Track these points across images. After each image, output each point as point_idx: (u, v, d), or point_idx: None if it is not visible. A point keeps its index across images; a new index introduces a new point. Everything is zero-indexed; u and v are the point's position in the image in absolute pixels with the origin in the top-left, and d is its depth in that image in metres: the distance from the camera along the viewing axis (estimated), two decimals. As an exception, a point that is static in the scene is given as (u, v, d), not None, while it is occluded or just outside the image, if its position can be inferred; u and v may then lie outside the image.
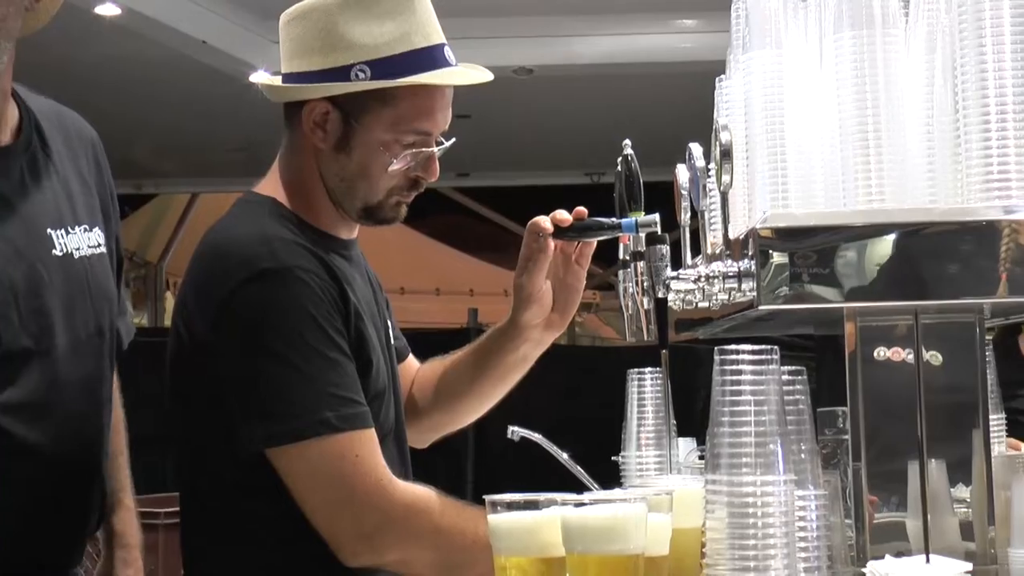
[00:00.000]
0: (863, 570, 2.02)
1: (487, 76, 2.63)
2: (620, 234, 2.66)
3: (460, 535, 2.42)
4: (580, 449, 2.68)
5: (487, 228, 10.94)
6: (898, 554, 2.19)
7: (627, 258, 2.80)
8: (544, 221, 2.68)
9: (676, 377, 2.80)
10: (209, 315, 2.46)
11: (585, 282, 2.78)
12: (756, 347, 2.07)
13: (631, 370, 2.85)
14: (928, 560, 1.98)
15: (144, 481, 5.49)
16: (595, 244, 2.75)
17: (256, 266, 2.44)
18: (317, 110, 2.55)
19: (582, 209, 2.70)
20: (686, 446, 2.84)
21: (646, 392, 2.83)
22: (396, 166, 2.53)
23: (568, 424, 2.80)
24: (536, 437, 2.76)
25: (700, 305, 2.61)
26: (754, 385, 2.06)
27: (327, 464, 2.40)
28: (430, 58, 2.52)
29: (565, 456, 2.69)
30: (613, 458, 2.86)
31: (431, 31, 2.56)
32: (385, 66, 2.50)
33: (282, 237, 2.49)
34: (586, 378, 8.13)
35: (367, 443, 2.43)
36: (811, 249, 2.32)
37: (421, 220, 9.82)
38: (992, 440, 2.52)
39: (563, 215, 2.68)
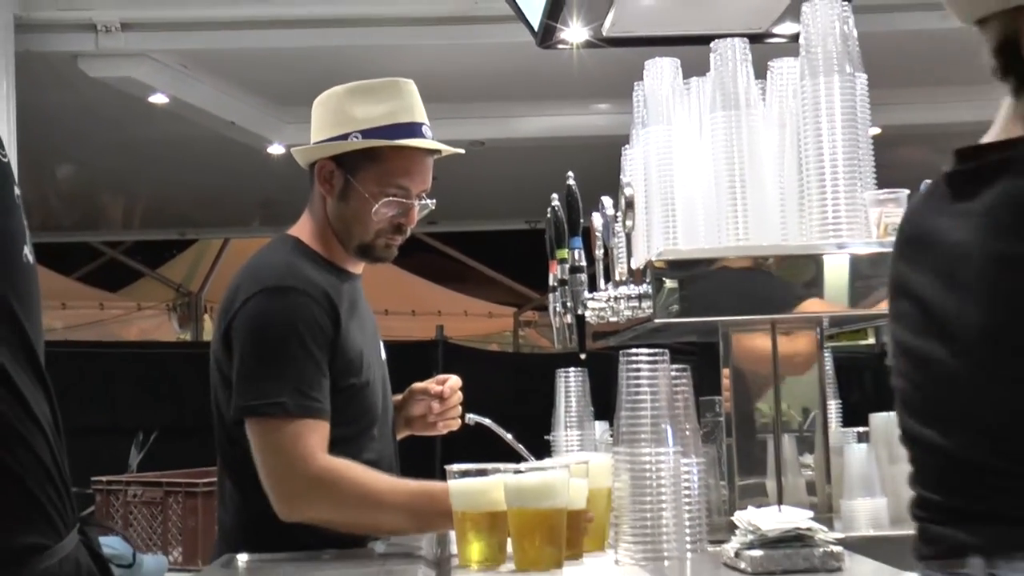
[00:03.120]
0: (732, 518, 2.02)
1: (456, 151, 2.63)
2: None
3: (366, 496, 2.34)
4: (522, 431, 2.66)
5: (451, 264, 10.92)
6: (759, 506, 2.20)
7: (555, 284, 2.81)
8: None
9: (593, 375, 2.81)
10: (230, 316, 2.45)
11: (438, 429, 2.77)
12: (651, 351, 2.09)
13: (559, 370, 2.84)
14: (780, 509, 1.99)
15: (189, 460, 5.48)
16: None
17: (265, 283, 2.43)
18: (325, 168, 2.55)
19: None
20: (601, 427, 2.84)
21: (571, 386, 2.82)
22: (382, 212, 2.52)
23: (513, 412, 2.78)
24: (487, 422, 2.73)
25: (611, 320, 2.61)
26: (650, 379, 2.07)
27: (273, 438, 2.35)
28: (410, 130, 2.52)
29: (509, 436, 2.68)
30: (546, 437, 2.85)
31: (415, 112, 2.56)
32: (375, 133, 2.51)
33: (294, 264, 2.48)
34: (526, 377, 8.12)
35: (314, 430, 2.36)
36: (694, 276, 2.33)
37: (401, 258, 9.78)
38: (829, 419, 2.54)
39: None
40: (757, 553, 1.89)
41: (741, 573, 1.90)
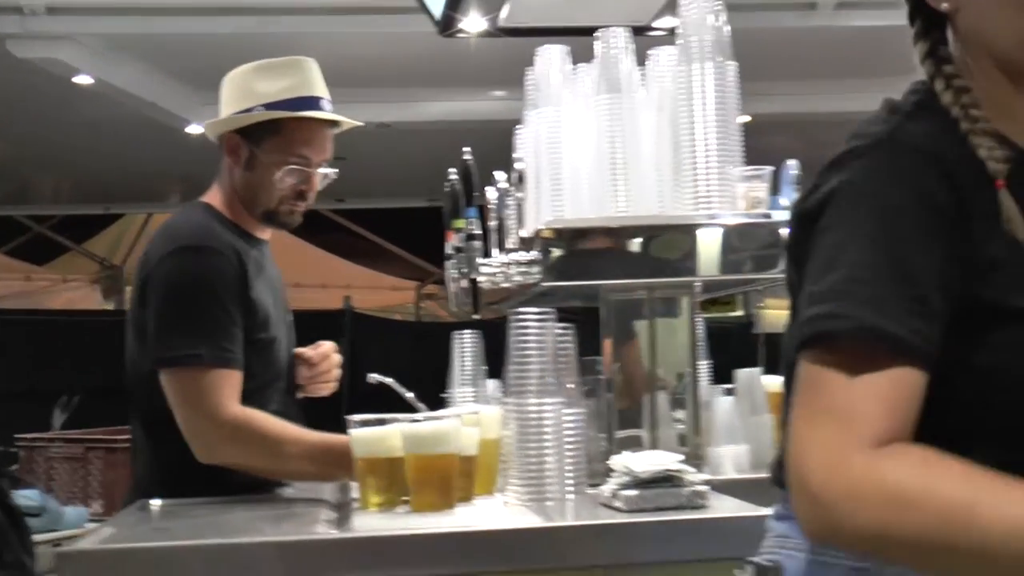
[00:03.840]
0: (608, 462, 2.04)
1: (354, 123, 2.62)
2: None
3: (279, 443, 2.33)
4: (421, 392, 2.65)
5: (359, 241, 10.86)
6: (635, 453, 2.22)
7: (451, 252, 2.80)
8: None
9: (486, 337, 2.81)
10: (146, 274, 2.42)
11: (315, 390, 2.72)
12: (538, 309, 2.10)
13: (455, 332, 2.83)
14: (652, 454, 2.01)
15: (113, 420, 5.39)
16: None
17: (178, 243, 2.40)
18: (232, 141, 2.52)
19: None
20: (493, 385, 2.83)
21: (466, 346, 2.79)
22: (283, 179, 2.50)
23: (414, 375, 2.76)
24: (388, 381, 2.70)
25: (503, 285, 2.61)
26: (537, 336, 2.08)
27: (190, 387, 2.33)
28: (310, 103, 2.51)
29: (411, 395, 2.65)
30: (441, 395, 2.84)
31: (315, 87, 2.54)
32: (276, 106, 2.49)
33: (207, 225, 2.46)
34: (426, 344, 8.11)
35: (227, 379, 2.34)
36: (579, 243, 2.33)
37: (313, 236, 9.75)
38: (699, 378, 2.56)
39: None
40: (631, 493, 1.91)
41: (617, 511, 1.92)
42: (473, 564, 1.80)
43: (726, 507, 1.92)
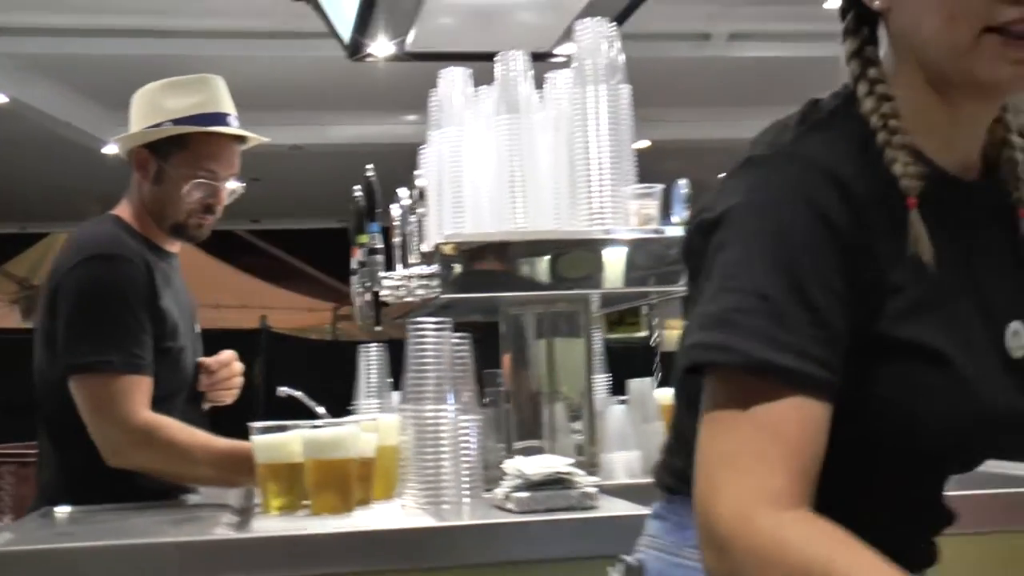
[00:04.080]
0: (501, 466, 2.05)
1: (261, 139, 2.62)
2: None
3: (187, 449, 2.32)
4: (336, 405, 2.63)
5: (276, 263, 10.81)
6: (530, 460, 2.22)
7: (356, 267, 2.80)
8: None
9: (395, 353, 2.80)
10: (55, 283, 2.39)
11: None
12: (436, 319, 2.10)
13: (361, 345, 2.82)
14: (543, 457, 2.03)
15: (27, 433, 5.29)
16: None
17: (88, 252, 2.38)
18: (141, 155, 2.52)
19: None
20: (397, 396, 2.82)
21: (371, 360, 2.79)
22: (191, 193, 2.50)
23: (326, 391, 2.74)
24: (297, 394, 2.68)
25: (406, 300, 2.62)
26: (434, 344, 2.09)
27: (101, 393, 2.31)
28: (216, 118, 2.51)
29: (321, 409, 2.63)
30: (347, 407, 2.83)
31: (222, 103, 2.54)
32: (184, 121, 2.49)
33: (116, 235, 2.45)
34: (338, 362, 8.07)
35: (137, 384, 2.33)
36: (478, 258, 2.34)
37: (231, 260, 9.69)
38: (596, 390, 2.59)
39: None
40: (523, 495, 1.93)
41: (509, 512, 1.93)
42: (367, 563, 1.80)
43: (614, 508, 1.94)
